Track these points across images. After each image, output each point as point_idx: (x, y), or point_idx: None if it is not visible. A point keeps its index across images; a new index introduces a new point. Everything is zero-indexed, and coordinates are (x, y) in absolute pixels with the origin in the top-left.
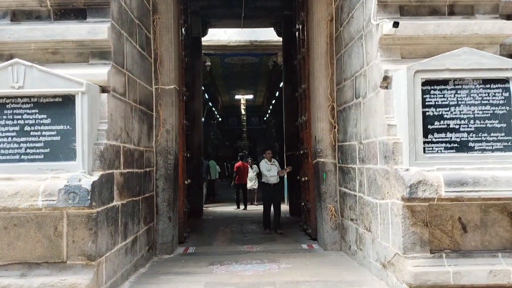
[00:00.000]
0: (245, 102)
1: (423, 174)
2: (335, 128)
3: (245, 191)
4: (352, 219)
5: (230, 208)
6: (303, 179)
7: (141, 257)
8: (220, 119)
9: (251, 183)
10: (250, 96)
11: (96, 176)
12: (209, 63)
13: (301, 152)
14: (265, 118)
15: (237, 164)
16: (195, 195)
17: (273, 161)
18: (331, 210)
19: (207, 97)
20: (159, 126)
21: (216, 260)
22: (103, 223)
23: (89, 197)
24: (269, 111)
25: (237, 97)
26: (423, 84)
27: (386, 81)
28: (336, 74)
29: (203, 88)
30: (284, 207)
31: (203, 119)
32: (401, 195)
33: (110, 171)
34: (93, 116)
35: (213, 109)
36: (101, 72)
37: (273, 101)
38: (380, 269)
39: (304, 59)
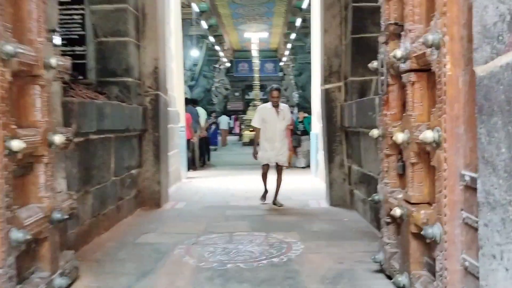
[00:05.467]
0: (257, 42)
1: None
2: None
3: (188, 148)
4: None
5: (226, 181)
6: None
7: None
8: (228, 64)
9: (275, 152)
10: (264, 35)
11: None
12: None
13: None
14: (281, 64)
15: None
16: (149, 165)
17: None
18: None
19: (205, 26)
20: None
21: None
22: None
23: None
24: (286, 53)
25: (247, 35)
26: None
27: None
28: None
29: (198, 10)
30: (315, 184)
31: (199, 54)
32: None
33: None
34: None
35: (218, 48)
36: None
37: (292, 37)
38: None
39: None
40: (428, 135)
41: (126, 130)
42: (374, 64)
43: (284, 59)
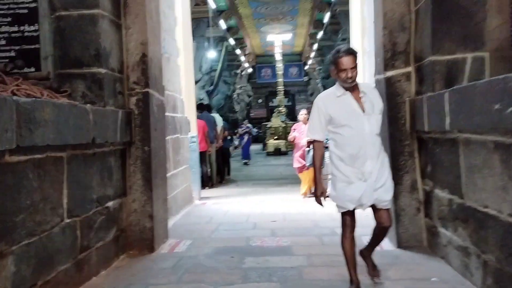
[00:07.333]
0: (281, 45)
1: None
2: None
3: (204, 161)
4: None
5: (246, 204)
6: None
7: None
8: (250, 70)
9: (370, 182)
10: (288, 36)
11: None
12: None
13: None
14: (306, 67)
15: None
16: (137, 193)
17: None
18: None
19: (224, 27)
20: None
21: None
22: None
23: None
24: (312, 55)
25: (269, 38)
26: None
27: None
28: None
29: (215, 7)
30: (362, 211)
31: (218, 57)
32: None
33: None
34: None
35: (239, 52)
36: None
37: (319, 36)
38: None
39: None
40: None
41: (93, 145)
42: None
43: (310, 62)
